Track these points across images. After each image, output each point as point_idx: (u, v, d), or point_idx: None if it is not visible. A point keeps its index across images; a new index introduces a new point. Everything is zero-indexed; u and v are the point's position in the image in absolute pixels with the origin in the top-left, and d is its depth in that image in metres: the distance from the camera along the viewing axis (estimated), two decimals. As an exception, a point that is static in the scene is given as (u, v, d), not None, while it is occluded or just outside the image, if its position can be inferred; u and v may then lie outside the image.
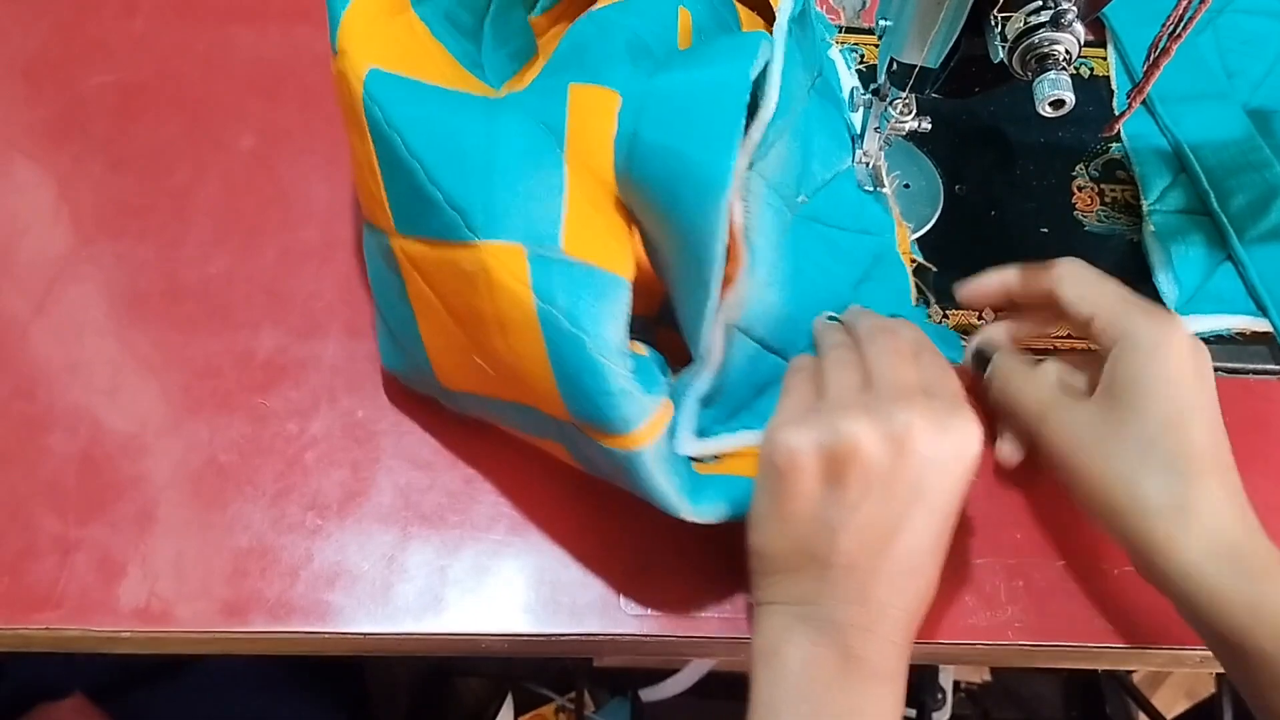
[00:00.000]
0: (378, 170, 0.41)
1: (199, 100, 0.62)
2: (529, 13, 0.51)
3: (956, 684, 1.01)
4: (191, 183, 0.59)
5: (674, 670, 0.99)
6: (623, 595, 0.47)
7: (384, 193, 0.41)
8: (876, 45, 0.59)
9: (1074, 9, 0.40)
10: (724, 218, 0.38)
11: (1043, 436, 0.44)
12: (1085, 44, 0.42)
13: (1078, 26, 0.41)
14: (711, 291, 0.40)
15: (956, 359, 0.47)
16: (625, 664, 1.00)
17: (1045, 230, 0.58)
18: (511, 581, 0.48)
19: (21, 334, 0.54)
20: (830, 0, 0.64)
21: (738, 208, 0.41)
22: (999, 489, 0.50)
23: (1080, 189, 0.59)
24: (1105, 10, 0.62)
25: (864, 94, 0.52)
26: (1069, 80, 0.41)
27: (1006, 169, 0.60)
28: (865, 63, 0.62)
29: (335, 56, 0.41)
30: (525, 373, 0.39)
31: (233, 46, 0.64)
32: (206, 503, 0.49)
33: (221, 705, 0.75)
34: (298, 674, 0.78)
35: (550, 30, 0.53)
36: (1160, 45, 0.43)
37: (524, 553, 0.48)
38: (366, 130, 0.40)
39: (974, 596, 0.48)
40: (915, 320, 0.49)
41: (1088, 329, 0.45)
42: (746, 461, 0.43)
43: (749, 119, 0.39)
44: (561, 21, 0.54)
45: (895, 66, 0.47)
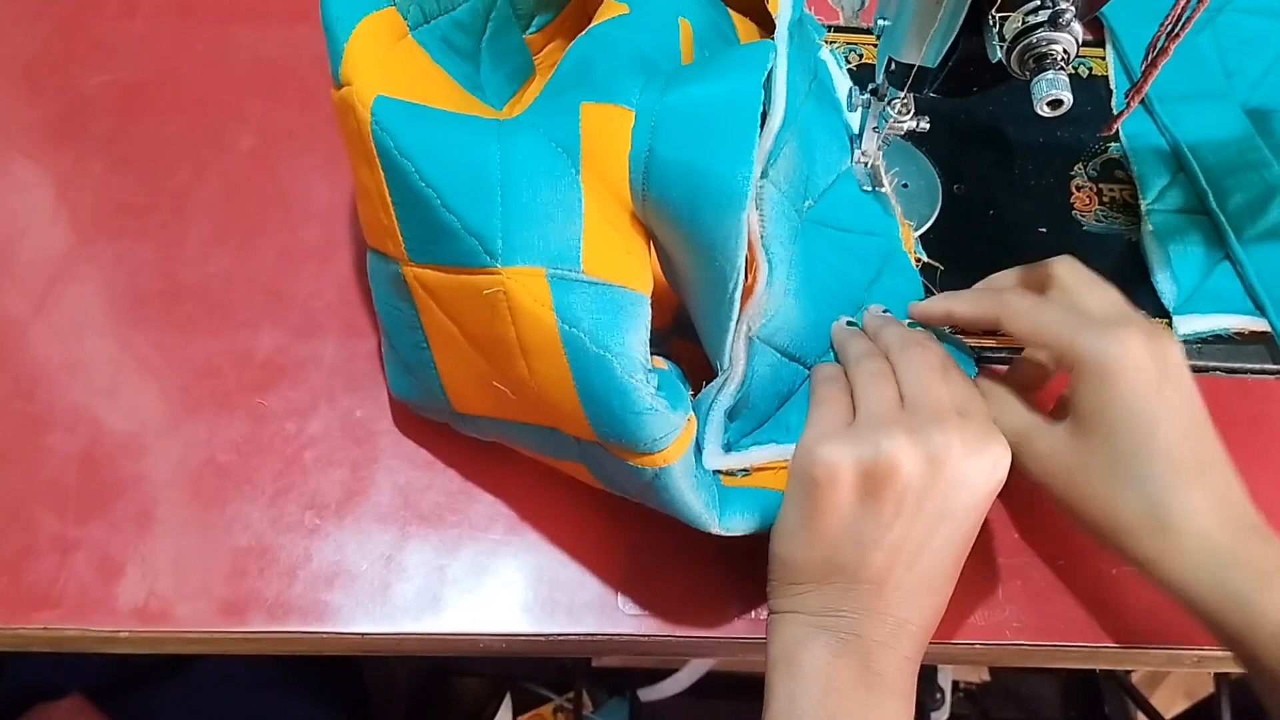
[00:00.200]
0: (388, 199, 0.40)
1: (199, 100, 0.62)
2: (524, 32, 0.51)
3: (955, 684, 1.01)
4: (191, 182, 0.59)
5: (672, 670, 0.99)
6: (621, 595, 0.47)
7: (395, 222, 0.40)
8: (874, 45, 0.60)
9: (1072, 9, 0.40)
10: (744, 229, 0.38)
11: (1021, 463, 0.44)
12: (1084, 43, 0.42)
13: (1076, 26, 0.41)
14: (734, 303, 0.40)
15: (971, 374, 0.47)
16: (624, 664, 1.00)
17: (1044, 230, 0.58)
18: (510, 581, 0.48)
19: (21, 334, 0.54)
20: (829, 0, 0.64)
21: (754, 218, 0.41)
22: (997, 489, 0.50)
23: (1079, 188, 0.59)
24: (1104, 10, 0.62)
25: (862, 94, 0.52)
26: (1067, 80, 0.41)
27: (1005, 168, 0.60)
28: (864, 62, 0.62)
29: (338, 88, 0.40)
30: (549, 395, 0.39)
31: (233, 46, 0.64)
32: (205, 502, 0.49)
33: (220, 705, 0.75)
34: (297, 674, 0.78)
35: (546, 48, 0.53)
36: (1158, 45, 0.43)
37: (522, 552, 0.48)
38: (376, 159, 0.39)
39: (972, 596, 0.48)
40: (929, 332, 0.49)
41: (1048, 358, 0.45)
42: (772, 475, 0.43)
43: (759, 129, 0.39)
44: (557, 39, 0.53)
45: (893, 66, 0.47)
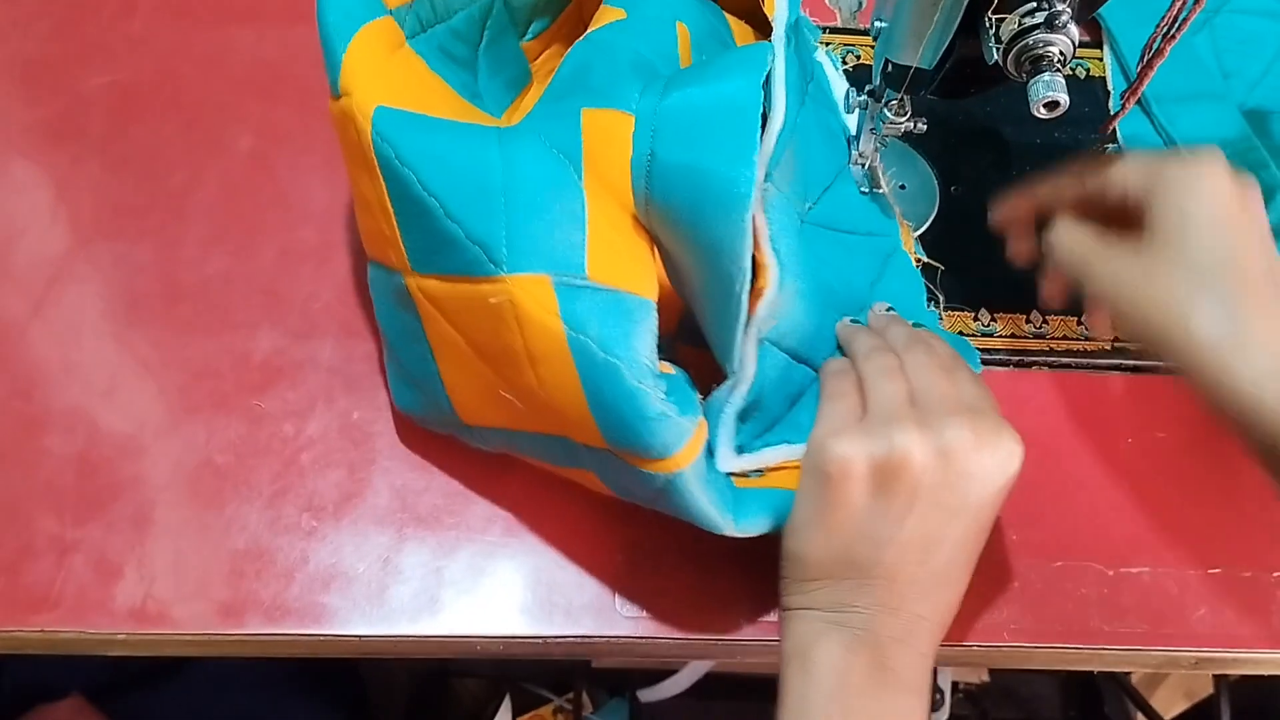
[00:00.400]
0: (390, 209, 0.39)
1: (197, 101, 0.62)
2: (520, 39, 0.51)
3: (955, 684, 1.01)
4: (190, 183, 0.59)
5: (672, 671, 0.99)
6: (619, 597, 0.47)
7: (397, 232, 0.40)
8: (872, 46, 0.60)
9: (1068, 11, 0.40)
10: (748, 231, 0.38)
11: (1091, 283, 0.43)
12: (1081, 45, 0.42)
13: (1072, 28, 0.41)
14: (742, 305, 0.40)
15: (976, 370, 0.47)
16: (623, 664, 1.00)
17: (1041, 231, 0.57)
18: (507, 583, 0.48)
19: (19, 334, 0.54)
20: (826, 1, 0.64)
21: (761, 220, 0.41)
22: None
23: (1077, 190, 0.59)
24: (1101, 11, 0.62)
25: (859, 96, 0.52)
26: (1063, 82, 0.41)
27: (1002, 170, 0.60)
28: (861, 64, 0.62)
29: (336, 99, 0.40)
30: (558, 403, 0.39)
31: (231, 47, 0.64)
32: (203, 504, 0.49)
33: (219, 706, 0.75)
34: (295, 675, 0.78)
35: (543, 54, 0.53)
36: (1154, 46, 0.43)
37: (520, 554, 0.48)
38: (377, 170, 0.39)
39: (971, 598, 0.47)
40: (930, 326, 0.49)
41: (1126, 201, 0.43)
42: (786, 474, 0.43)
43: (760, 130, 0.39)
44: (554, 45, 0.53)
45: (890, 68, 0.47)
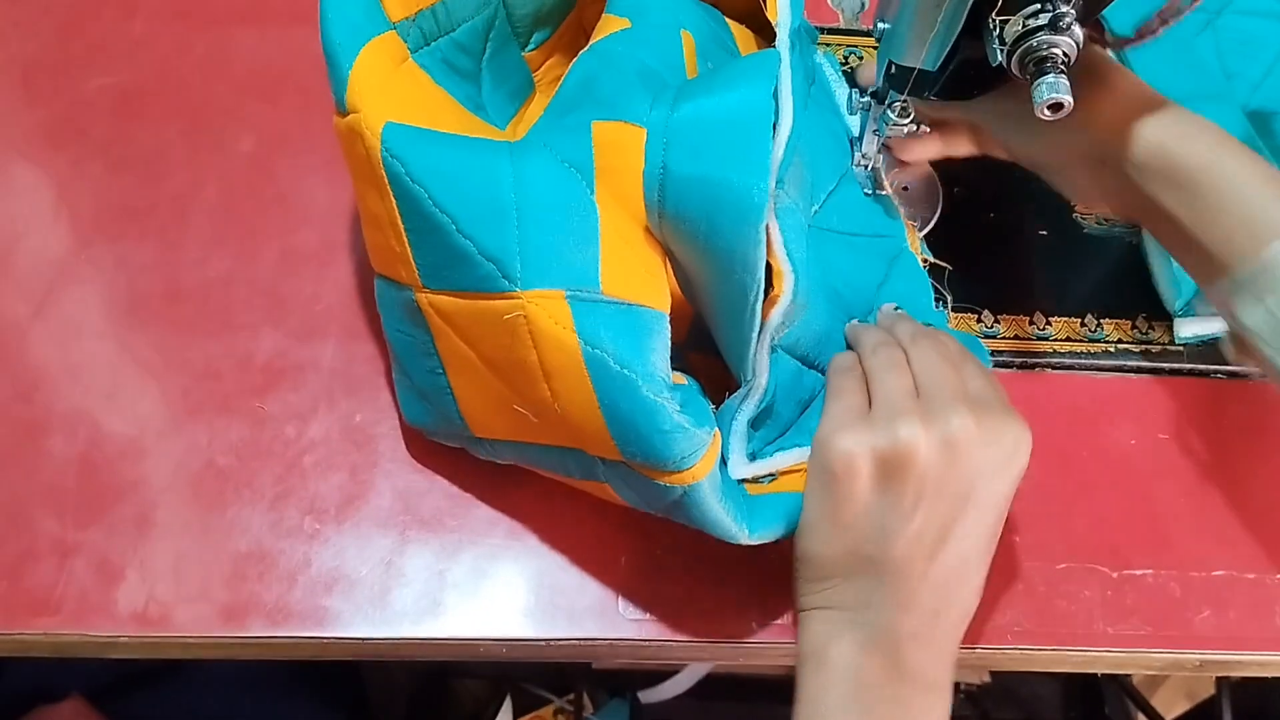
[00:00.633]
0: (400, 226, 0.39)
1: (198, 102, 0.61)
2: (523, 49, 0.51)
3: (956, 685, 1.01)
4: (191, 185, 0.59)
5: (673, 672, 0.99)
6: (621, 599, 0.47)
7: (408, 248, 0.40)
8: (874, 48, 0.60)
9: (1072, 12, 0.40)
10: (763, 240, 0.37)
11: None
12: (1084, 46, 0.42)
13: (1076, 29, 0.41)
14: (756, 315, 0.40)
15: (986, 365, 0.47)
16: (624, 666, 1.00)
17: (1044, 232, 0.58)
18: (510, 585, 0.48)
19: (21, 336, 0.54)
20: (829, 2, 0.64)
21: (774, 226, 0.41)
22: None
23: (1079, 191, 0.59)
24: (1105, 13, 0.62)
25: (862, 98, 0.52)
26: (1067, 83, 0.41)
27: (1005, 171, 0.60)
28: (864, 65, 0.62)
29: (342, 115, 0.39)
30: (573, 417, 0.39)
31: (232, 49, 0.64)
32: (205, 506, 0.49)
33: (220, 707, 0.75)
34: (296, 676, 0.78)
35: (545, 64, 0.53)
36: (1151, 27, 0.44)
37: (522, 557, 0.48)
38: (386, 186, 0.38)
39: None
40: (938, 327, 0.49)
41: None
42: (798, 478, 0.43)
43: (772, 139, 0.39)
44: (556, 54, 0.53)
45: (894, 69, 0.47)
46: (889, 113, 0.50)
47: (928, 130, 0.51)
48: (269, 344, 0.53)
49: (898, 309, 0.49)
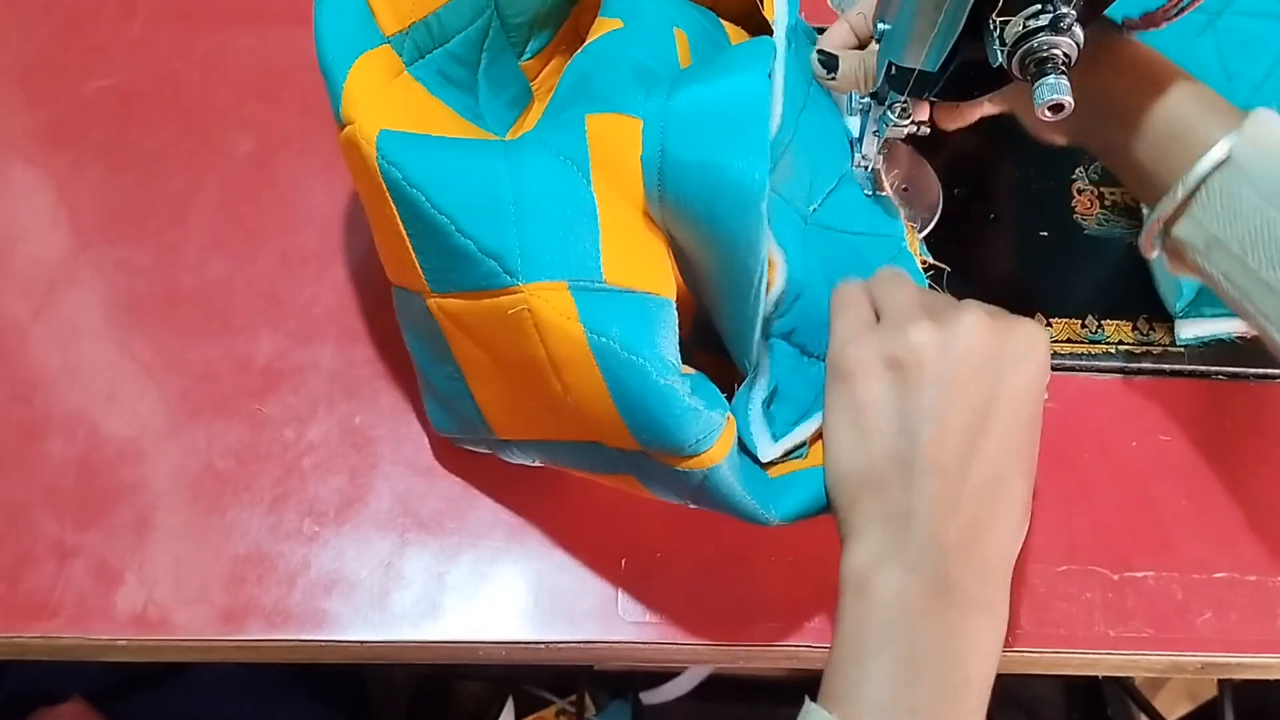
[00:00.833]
0: (403, 232, 0.39)
1: (197, 105, 0.61)
2: (519, 58, 0.51)
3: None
4: (190, 187, 0.58)
5: (675, 673, 0.99)
6: (621, 602, 0.47)
7: (413, 254, 0.40)
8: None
9: (1073, 13, 0.40)
10: (764, 221, 0.37)
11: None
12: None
13: (1077, 30, 0.41)
14: (761, 298, 0.40)
15: None
16: (626, 667, 1.00)
17: (1045, 233, 0.57)
18: (510, 588, 0.47)
19: (20, 338, 0.54)
20: (828, 2, 0.64)
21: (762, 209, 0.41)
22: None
23: (1080, 192, 0.59)
24: (1106, 14, 0.62)
25: (862, 98, 0.51)
26: (1068, 84, 0.41)
27: (1006, 172, 0.60)
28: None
29: (341, 128, 0.39)
30: (586, 408, 0.39)
31: (231, 51, 0.64)
32: (204, 509, 0.49)
33: (220, 709, 0.75)
34: (296, 677, 0.78)
35: (542, 72, 0.53)
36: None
37: (522, 559, 0.48)
38: (386, 194, 0.39)
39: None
40: None
41: None
42: (817, 450, 0.43)
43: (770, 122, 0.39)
44: (553, 61, 0.53)
45: (894, 70, 0.47)
46: (889, 114, 0.50)
47: (928, 131, 0.51)
48: (268, 346, 0.53)
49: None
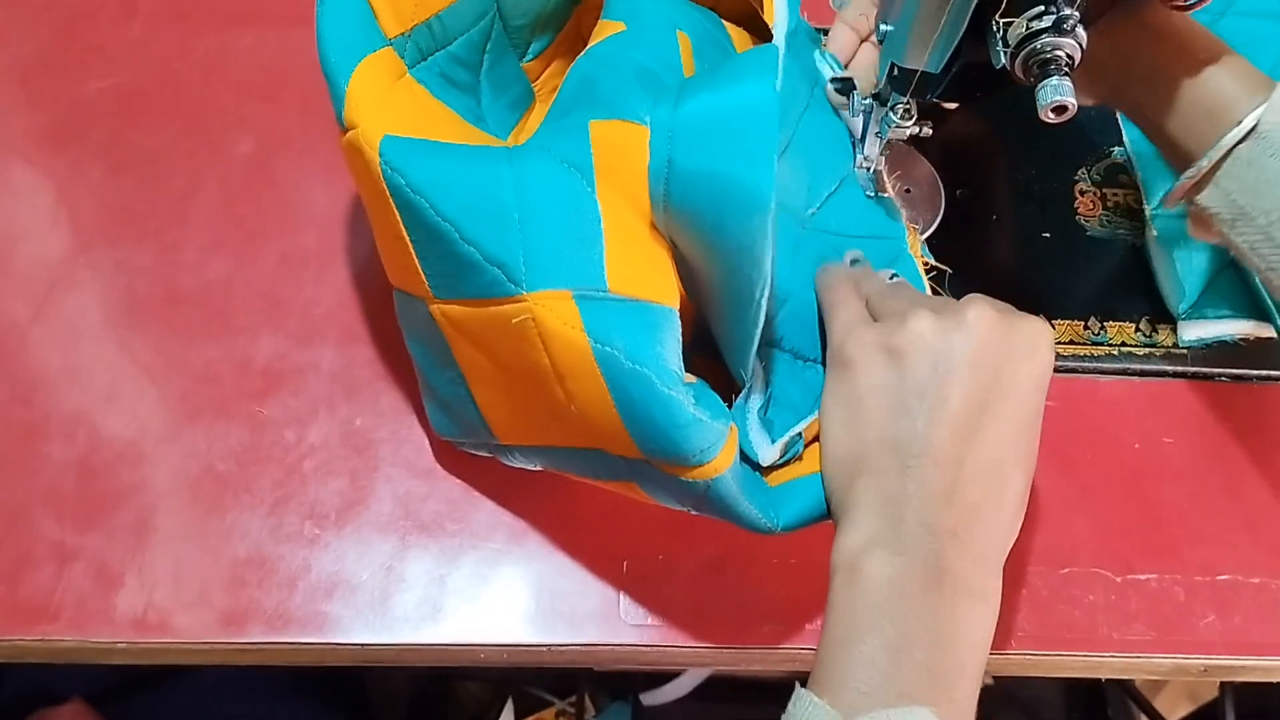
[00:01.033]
0: (406, 238, 0.39)
1: (197, 105, 0.61)
2: (521, 59, 0.51)
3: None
4: (190, 188, 0.58)
5: (675, 674, 0.99)
6: (622, 605, 0.47)
7: (416, 260, 0.39)
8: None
9: (1076, 14, 0.40)
10: (769, 232, 0.37)
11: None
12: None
13: (1080, 32, 0.40)
14: (761, 309, 0.39)
15: None
16: (626, 668, 1.00)
17: (1047, 234, 0.57)
18: (511, 590, 0.47)
19: (20, 339, 0.54)
20: (830, 3, 0.64)
21: None
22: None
23: (1082, 193, 0.59)
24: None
25: (864, 100, 0.51)
26: (1071, 86, 0.41)
27: (1008, 173, 0.59)
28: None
29: (344, 132, 0.39)
30: (590, 417, 0.39)
31: (231, 51, 0.63)
32: (204, 511, 0.49)
33: (219, 710, 0.74)
34: (297, 678, 0.77)
35: (544, 73, 0.52)
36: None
37: (523, 561, 0.48)
38: (389, 200, 0.38)
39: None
40: None
41: None
42: (813, 454, 0.43)
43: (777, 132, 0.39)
44: (554, 63, 0.53)
45: (896, 71, 0.46)
46: (891, 115, 0.50)
47: (930, 132, 0.50)
48: (268, 347, 0.53)
49: (858, 256, 0.50)
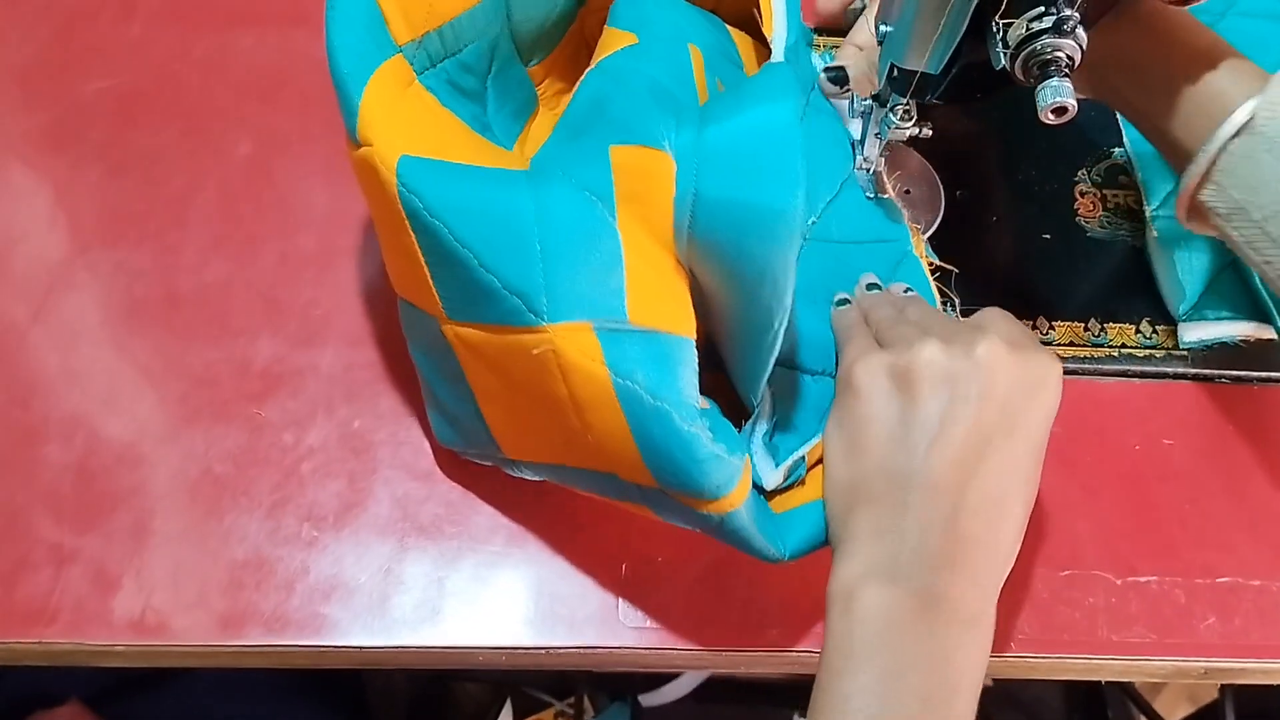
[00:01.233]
0: (421, 259, 0.38)
1: (196, 106, 0.61)
2: (526, 65, 0.50)
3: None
4: (189, 189, 0.58)
5: (674, 675, 0.99)
6: (621, 607, 0.47)
7: (430, 280, 0.39)
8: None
9: (1076, 15, 0.40)
10: (793, 264, 0.37)
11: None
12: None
13: (1080, 33, 0.40)
14: (777, 341, 0.39)
15: None
16: (625, 669, 1.00)
17: (1047, 236, 0.57)
18: (510, 593, 0.47)
19: (18, 341, 0.53)
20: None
21: None
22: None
23: (1082, 194, 0.59)
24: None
25: (863, 101, 0.51)
26: (1071, 87, 0.41)
27: (1008, 174, 0.59)
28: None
29: (356, 146, 0.38)
30: (607, 447, 0.38)
31: (230, 51, 0.63)
32: (203, 514, 0.49)
33: (218, 711, 0.74)
34: (295, 679, 0.77)
35: (547, 78, 0.52)
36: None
37: (522, 564, 0.48)
38: (405, 222, 0.38)
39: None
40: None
41: None
42: (815, 478, 0.43)
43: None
44: (558, 68, 0.52)
45: (896, 73, 0.46)
46: (890, 116, 0.50)
47: (929, 133, 0.50)
48: (267, 349, 0.53)
49: (874, 281, 0.49)
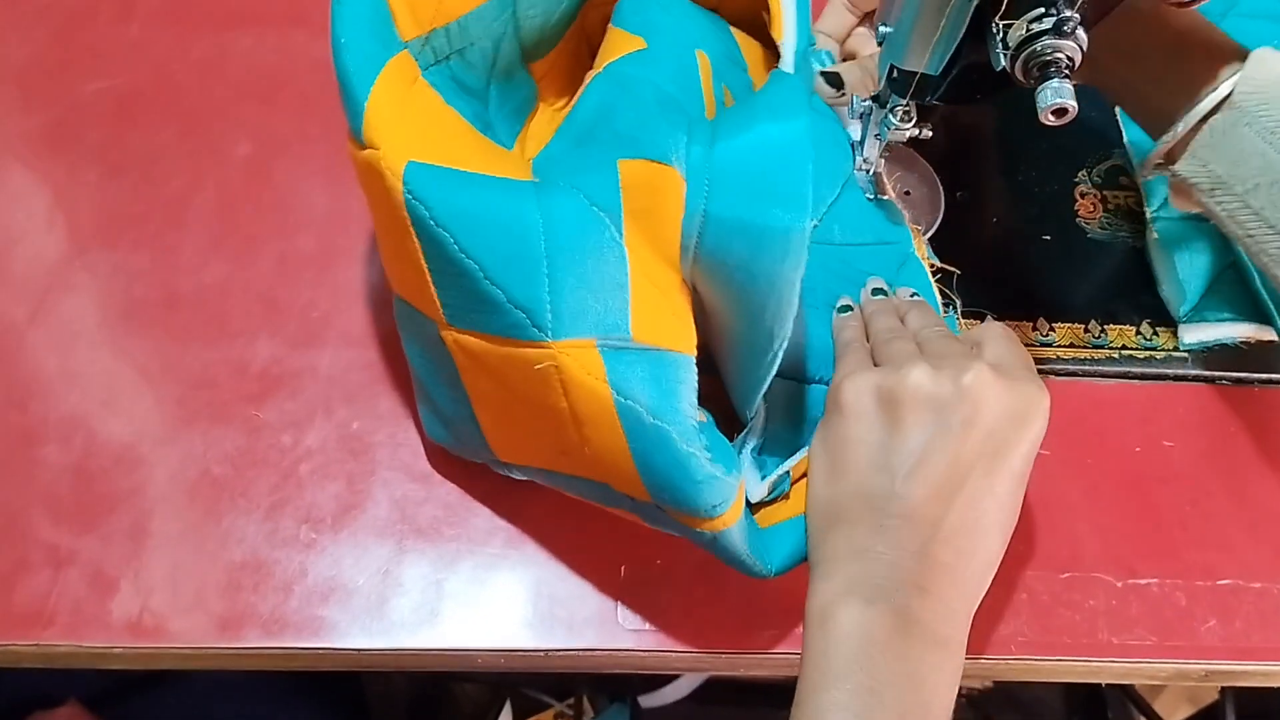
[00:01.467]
0: (424, 266, 0.38)
1: (195, 107, 0.61)
2: (529, 62, 0.50)
3: (959, 690, 1.00)
4: (187, 190, 0.58)
5: (673, 677, 0.99)
6: (620, 610, 0.47)
7: (432, 287, 0.38)
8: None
9: (1076, 16, 0.40)
10: (797, 285, 0.37)
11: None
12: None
13: (1080, 34, 0.40)
14: (776, 359, 0.39)
15: None
16: (624, 670, 1.00)
17: (1047, 237, 0.57)
18: (508, 595, 0.47)
19: (16, 343, 0.53)
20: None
21: None
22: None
23: (1083, 195, 0.58)
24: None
25: (863, 102, 0.51)
26: (1071, 88, 0.41)
27: (1008, 175, 0.59)
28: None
29: (360, 147, 0.37)
30: (604, 461, 0.38)
31: (229, 52, 0.63)
32: (201, 516, 0.48)
33: (217, 712, 0.74)
34: (294, 680, 0.77)
35: (548, 74, 0.52)
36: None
37: (521, 566, 0.48)
38: (410, 228, 0.37)
39: (978, 610, 0.47)
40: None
41: None
42: (799, 492, 0.43)
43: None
44: (559, 63, 0.52)
45: (896, 73, 0.46)
46: (890, 117, 0.49)
47: (929, 134, 0.50)
48: (265, 351, 0.53)
49: (880, 287, 0.49)
